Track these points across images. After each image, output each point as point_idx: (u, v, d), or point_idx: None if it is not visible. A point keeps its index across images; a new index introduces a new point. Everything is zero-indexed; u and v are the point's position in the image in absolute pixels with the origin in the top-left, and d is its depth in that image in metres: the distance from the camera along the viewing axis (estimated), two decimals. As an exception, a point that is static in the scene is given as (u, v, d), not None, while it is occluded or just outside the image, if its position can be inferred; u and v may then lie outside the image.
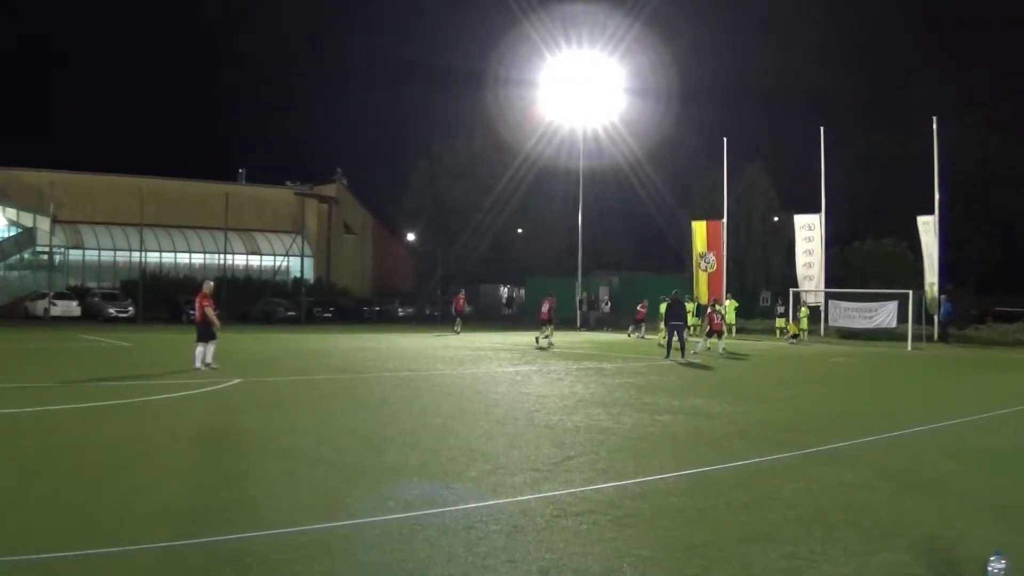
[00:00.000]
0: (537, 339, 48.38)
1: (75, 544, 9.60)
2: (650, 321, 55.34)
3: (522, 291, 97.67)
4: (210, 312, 30.65)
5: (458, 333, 56.27)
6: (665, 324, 39.76)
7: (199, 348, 30.11)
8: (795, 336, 54.26)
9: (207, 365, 29.66)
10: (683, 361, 35.91)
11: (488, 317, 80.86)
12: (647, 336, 52.68)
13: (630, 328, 58.68)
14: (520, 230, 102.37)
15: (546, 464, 14.22)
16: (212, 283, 32.73)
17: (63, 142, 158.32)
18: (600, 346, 47.29)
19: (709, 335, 43.08)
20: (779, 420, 20.39)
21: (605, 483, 12.89)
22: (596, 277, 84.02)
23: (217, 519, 10.73)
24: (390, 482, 12.81)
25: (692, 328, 45.42)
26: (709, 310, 44.89)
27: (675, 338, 37.98)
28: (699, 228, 67.27)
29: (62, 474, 13.56)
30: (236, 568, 8.88)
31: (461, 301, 61.32)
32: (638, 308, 56.78)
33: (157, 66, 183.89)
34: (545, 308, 48.37)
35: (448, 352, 41.12)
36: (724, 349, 42.12)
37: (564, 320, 64.29)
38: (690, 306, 49.57)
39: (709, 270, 65.59)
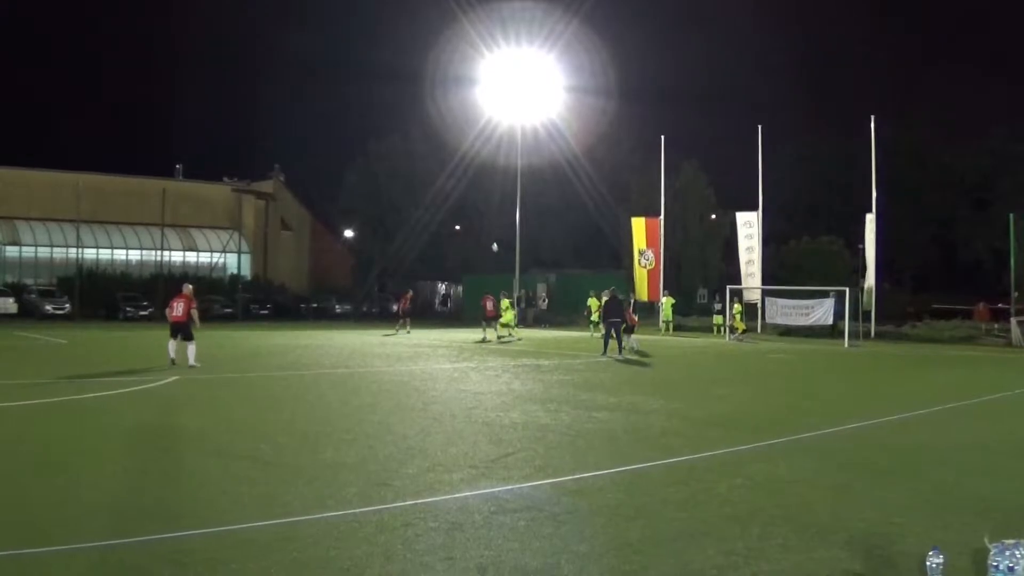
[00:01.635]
0: (492, 338, 48.68)
1: (10, 543, 9.54)
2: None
3: (459, 288, 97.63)
4: (195, 313, 31.06)
5: (409, 333, 55.04)
6: (603, 321, 39.75)
7: (173, 344, 30.58)
8: (743, 332, 54.38)
9: (190, 365, 29.89)
10: (619, 358, 35.96)
11: (425, 314, 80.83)
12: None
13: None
14: (458, 227, 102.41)
15: (484, 461, 14.24)
16: (191, 286, 32.93)
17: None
18: (537, 343, 47.35)
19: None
20: (716, 417, 20.46)
21: (543, 480, 12.93)
22: (534, 275, 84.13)
23: (154, 517, 10.69)
24: (327, 480, 12.79)
25: (667, 325, 46.58)
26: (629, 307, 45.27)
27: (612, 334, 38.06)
28: (638, 225, 67.42)
29: (-5, 472, 13.46)
30: (173, 567, 8.85)
31: (406, 300, 60.09)
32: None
33: (95, 61, 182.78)
34: (489, 306, 48.88)
35: (385, 349, 41.11)
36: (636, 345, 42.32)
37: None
38: (593, 302, 50.43)
39: (648, 267, 65.76)
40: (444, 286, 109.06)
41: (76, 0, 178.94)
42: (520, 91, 73.17)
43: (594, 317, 51.01)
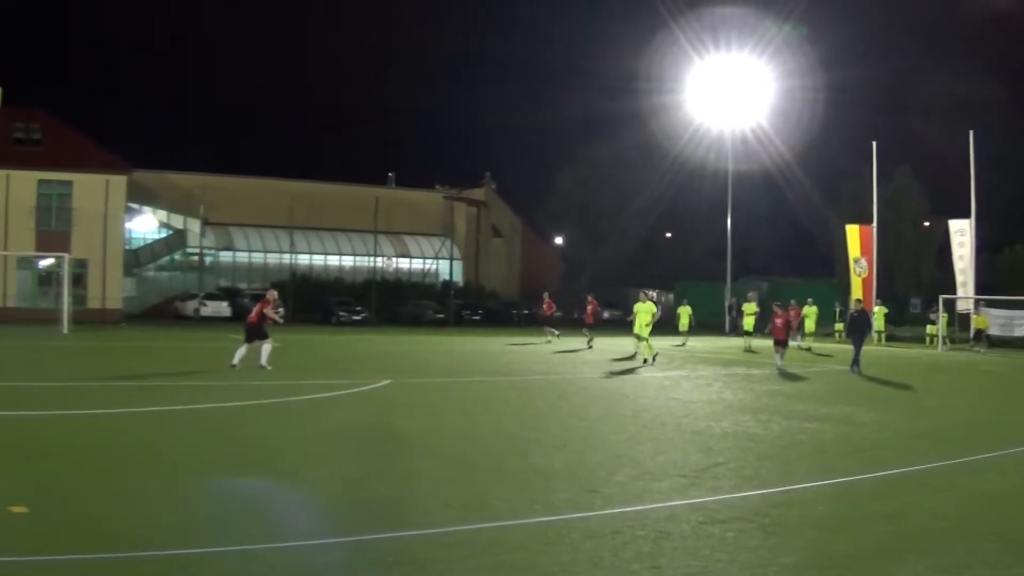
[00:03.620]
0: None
1: (220, 539, 9.88)
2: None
3: (670, 295, 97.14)
4: (269, 312, 31.08)
5: (549, 342, 52.82)
6: (849, 335, 37.99)
7: (242, 348, 30.27)
8: (978, 342, 52.57)
9: (261, 367, 29.61)
10: (855, 372, 34.29)
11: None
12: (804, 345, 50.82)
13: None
14: (669, 234, 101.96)
15: (693, 470, 14.19)
16: (276, 292, 33.39)
17: (213, 145, 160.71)
18: (749, 352, 46.83)
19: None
20: (927, 429, 20.12)
21: (752, 490, 12.86)
22: (744, 282, 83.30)
23: (362, 517, 10.94)
24: (536, 485, 12.89)
25: (837, 334, 44.41)
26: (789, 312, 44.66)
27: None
28: (852, 232, 66.19)
29: (206, 471, 13.88)
30: (379, 567, 9.06)
31: (550, 306, 58.06)
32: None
33: (307, 70, 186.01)
34: (589, 309, 49.08)
35: (595, 356, 41.10)
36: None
37: (712, 326, 63.90)
38: (810, 310, 48.93)
39: (862, 275, 64.56)
40: (655, 293, 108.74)
41: (292, 9, 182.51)
42: (730, 96, 72.66)
43: (747, 326, 49.42)
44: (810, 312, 50.07)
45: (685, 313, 52.84)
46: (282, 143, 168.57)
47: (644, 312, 37.21)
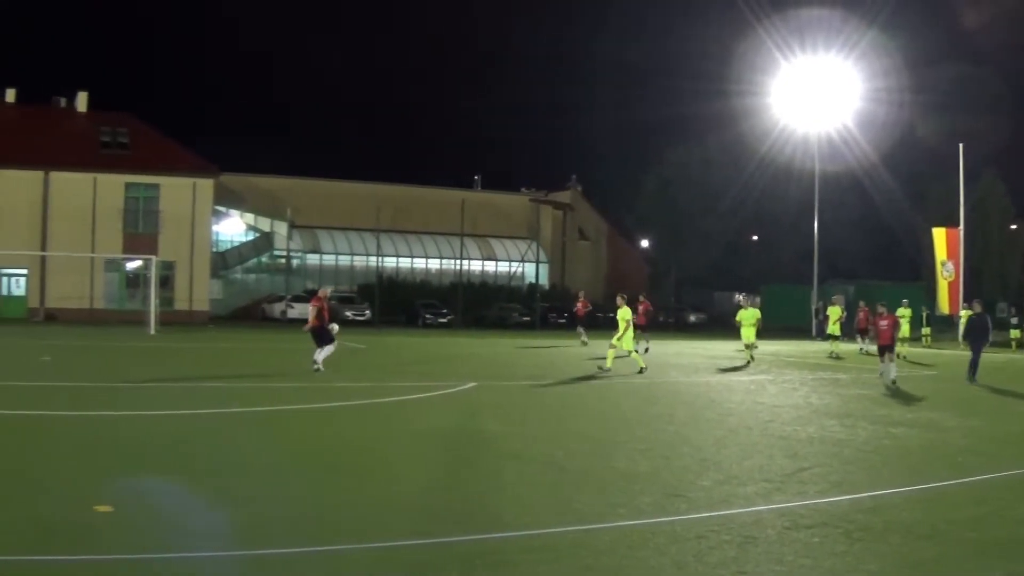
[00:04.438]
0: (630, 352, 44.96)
1: (305, 539, 10.00)
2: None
3: (757, 299, 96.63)
4: (316, 314, 30.94)
5: (586, 343, 50.86)
6: (968, 340, 36.62)
7: (329, 348, 30.38)
8: None
9: (315, 366, 29.67)
10: (971, 380, 32.89)
11: (725, 324, 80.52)
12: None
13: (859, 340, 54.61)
14: (755, 237, 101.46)
15: (779, 475, 14.16)
16: (329, 289, 34.50)
17: (300, 149, 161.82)
18: (859, 355, 46.31)
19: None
20: (1013, 435, 19.90)
21: (838, 496, 12.78)
22: (831, 285, 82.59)
23: (447, 518, 11.00)
24: (621, 488, 12.91)
25: (924, 339, 43.47)
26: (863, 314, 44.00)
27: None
28: (939, 235, 65.46)
29: (293, 471, 14.10)
30: (463, 568, 9.10)
31: (579, 306, 56.19)
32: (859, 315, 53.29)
33: (393, 73, 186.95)
34: (641, 310, 46.16)
35: (682, 360, 41.02)
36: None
37: (799, 329, 63.53)
38: (906, 312, 47.88)
39: (949, 279, 63.87)
40: (741, 297, 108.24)
41: (380, 16, 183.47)
42: (815, 98, 72.21)
43: (833, 329, 48.83)
44: (905, 314, 48.22)
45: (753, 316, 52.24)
46: (368, 146, 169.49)
47: (749, 318, 37.01)
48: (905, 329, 44.64)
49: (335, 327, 30.73)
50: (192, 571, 8.91)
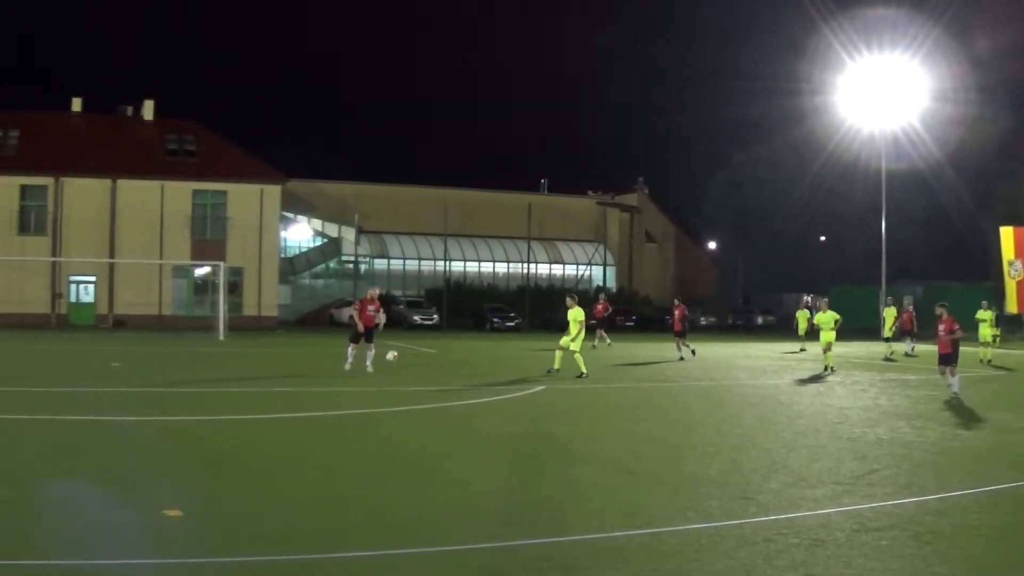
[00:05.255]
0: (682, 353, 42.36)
1: (372, 543, 10.00)
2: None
3: (825, 300, 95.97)
4: (356, 315, 32.46)
5: (609, 345, 51.58)
6: None
7: (371, 351, 31.73)
8: None
9: (352, 364, 31.11)
10: None
11: (792, 327, 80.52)
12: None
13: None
14: (823, 237, 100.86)
15: (848, 478, 14.03)
16: (376, 290, 35.38)
17: (367, 154, 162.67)
18: (904, 358, 46.05)
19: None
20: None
21: (906, 498, 12.66)
22: (900, 286, 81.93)
23: (516, 522, 11.00)
24: (689, 491, 12.86)
25: (994, 340, 42.32)
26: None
27: None
28: (1007, 234, 64.63)
29: (362, 474, 14.13)
30: (533, 572, 9.06)
31: (599, 308, 56.46)
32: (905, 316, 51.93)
33: (457, 79, 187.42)
34: (677, 315, 44.48)
35: (750, 362, 40.86)
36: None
37: (867, 331, 63.06)
38: (987, 314, 46.45)
39: (1017, 278, 63.13)
40: (809, 298, 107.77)
41: (444, 19, 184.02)
42: (881, 97, 71.71)
43: (887, 332, 48.38)
44: (986, 317, 44.70)
45: (803, 318, 51.61)
46: (434, 150, 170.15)
47: (827, 321, 36.34)
48: (986, 332, 42.55)
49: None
50: (261, 575, 8.91)
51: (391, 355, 31.82)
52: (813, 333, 41.88)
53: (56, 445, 15.94)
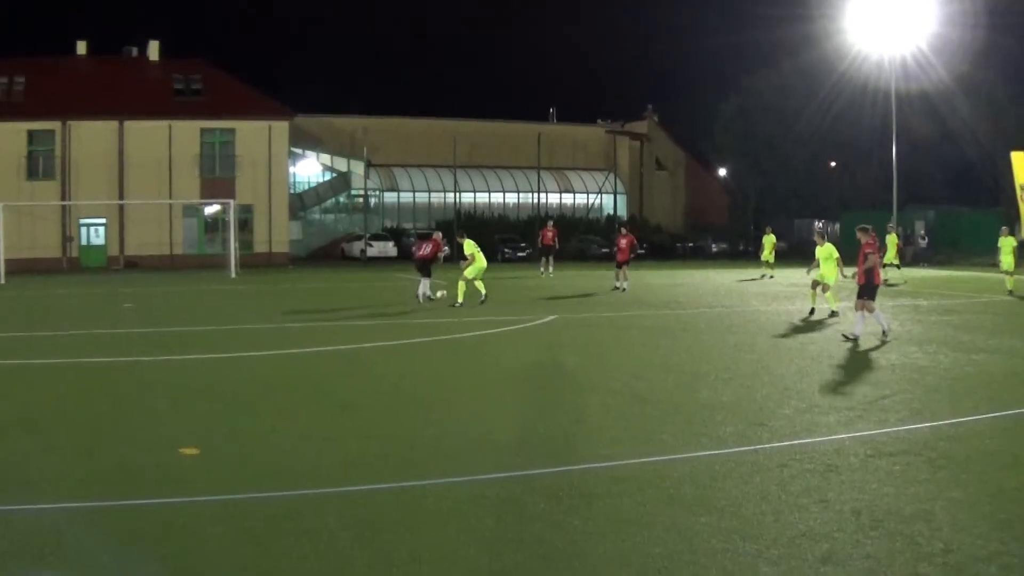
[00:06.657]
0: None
1: (391, 475, 10.09)
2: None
3: (836, 225, 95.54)
4: (440, 255, 34.80)
5: (551, 275, 50.45)
6: None
7: (425, 282, 32.63)
8: None
9: (428, 298, 32.13)
10: None
11: (804, 252, 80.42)
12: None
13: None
14: (833, 163, 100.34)
15: (861, 403, 14.05)
16: (441, 233, 37.62)
17: (374, 87, 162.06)
18: (916, 282, 45.92)
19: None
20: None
21: (919, 423, 12.68)
22: (911, 211, 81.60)
23: (532, 452, 11.09)
24: (703, 418, 12.91)
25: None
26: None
27: None
28: (1018, 159, 64.11)
29: (378, 408, 14.24)
30: (548, 500, 9.11)
31: (549, 235, 53.83)
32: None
33: (464, 6, 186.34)
34: (624, 244, 40.31)
35: (763, 288, 40.80)
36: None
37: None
38: (1009, 241, 45.06)
39: (1027, 203, 62.79)
40: (820, 223, 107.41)
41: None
42: (890, 22, 71.18)
43: (890, 257, 47.27)
44: (1005, 244, 40.84)
45: (769, 243, 50.77)
46: (442, 82, 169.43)
47: (825, 255, 32.83)
48: (1008, 262, 39.31)
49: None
50: (278, 510, 8.96)
51: (440, 293, 32.05)
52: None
53: (74, 388, 16.03)
